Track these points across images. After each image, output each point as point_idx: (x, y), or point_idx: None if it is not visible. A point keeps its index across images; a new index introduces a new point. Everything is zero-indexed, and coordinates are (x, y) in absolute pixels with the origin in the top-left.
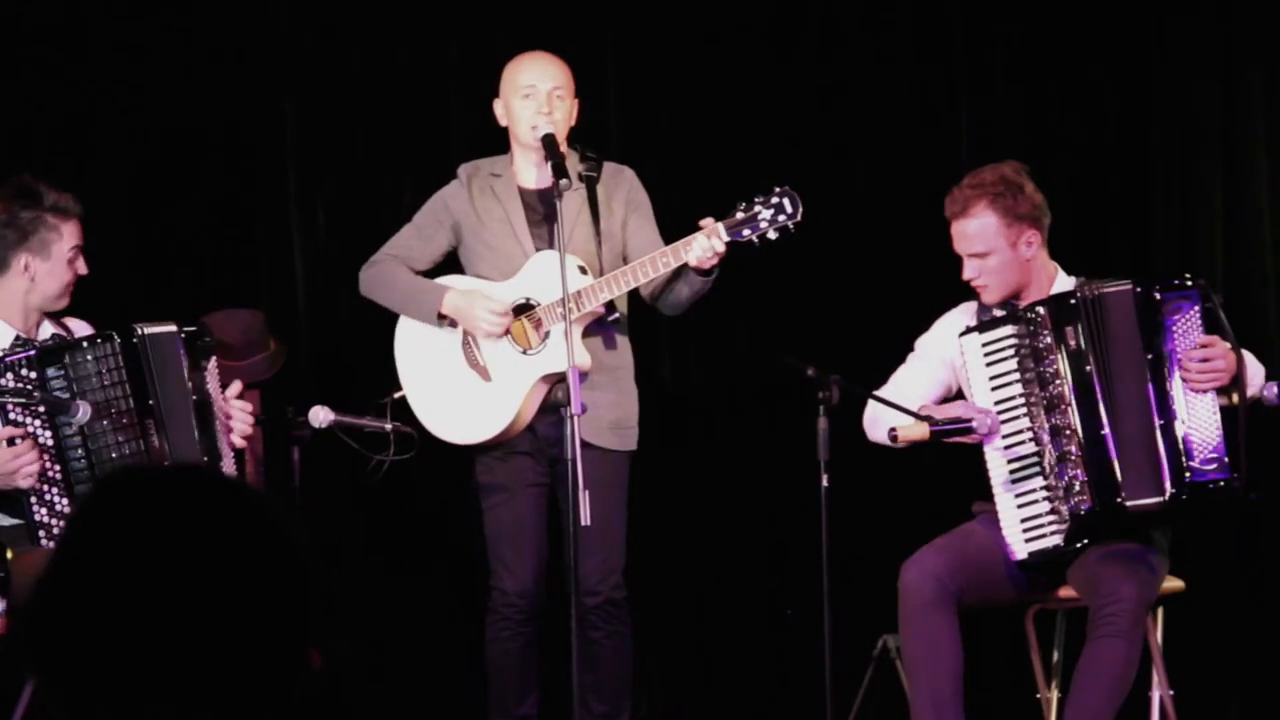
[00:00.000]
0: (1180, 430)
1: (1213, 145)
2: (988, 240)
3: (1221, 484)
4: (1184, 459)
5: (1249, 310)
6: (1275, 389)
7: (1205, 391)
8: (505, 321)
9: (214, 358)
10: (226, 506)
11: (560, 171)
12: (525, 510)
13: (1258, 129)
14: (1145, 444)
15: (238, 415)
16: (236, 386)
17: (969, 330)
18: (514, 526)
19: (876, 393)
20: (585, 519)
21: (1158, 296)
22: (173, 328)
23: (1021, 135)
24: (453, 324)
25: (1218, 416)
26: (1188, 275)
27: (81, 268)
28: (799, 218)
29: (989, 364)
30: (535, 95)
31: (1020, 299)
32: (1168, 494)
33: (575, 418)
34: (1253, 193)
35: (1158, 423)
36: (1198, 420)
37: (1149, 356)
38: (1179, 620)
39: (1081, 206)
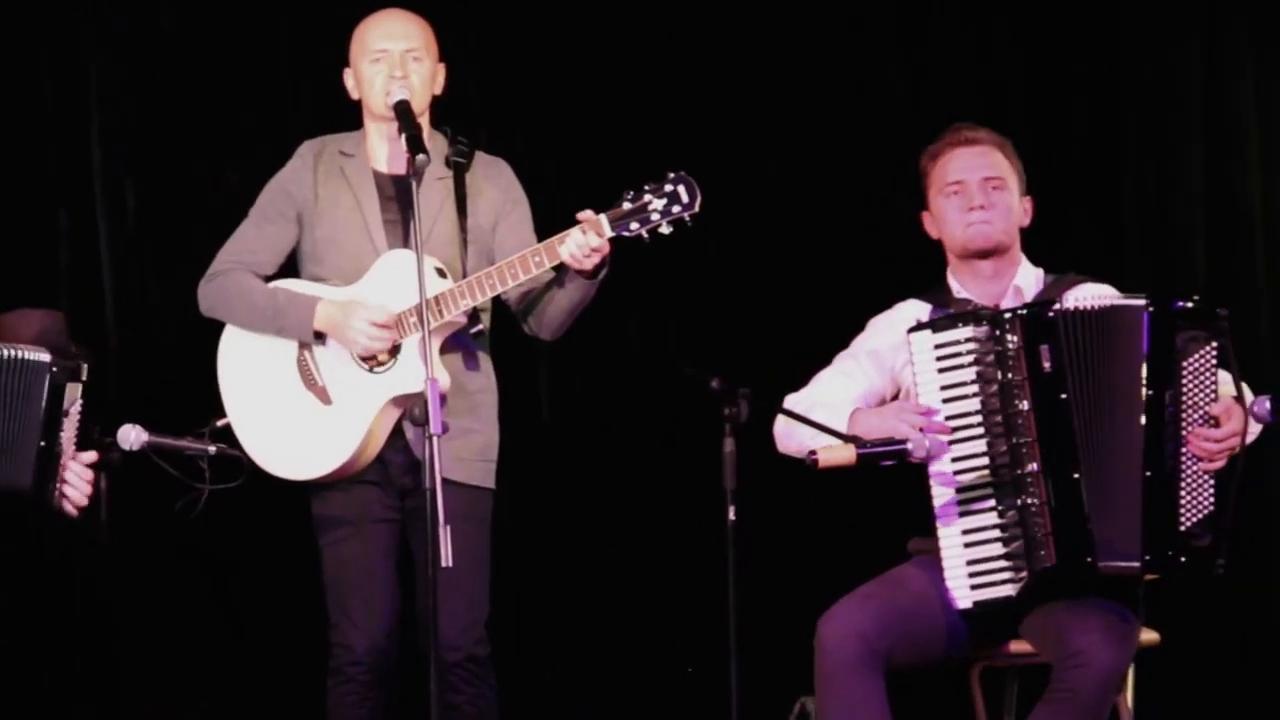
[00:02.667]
0: (1170, 485)
1: (1190, 115)
2: (1000, 170)
3: (1204, 550)
4: (1171, 521)
5: (1235, 312)
6: (1268, 405)
7: (1213, 465)
8: (389, 335)
9: (78, 401)
10: (37, 542)
11: (416, 145)
12: (373, 550)
13: (1244, 93)
14: (1127, 496)
15: (76, 481)
16: (91, 455)
17: (921, 326)
18: (359, 570)
19: (791, 397)
20: (447, 559)
21: (1177, 323)
22: (46, 357)
23: (966, 106)
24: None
25: (1212, 476)
26: (1214, 304)
27: None
28: (696, 208)
29: (942, 370)
30: (387, 58)
31: (985, 281)
32: (1144, 558)
33: (435, 439)
34: (1240, 171)
35: (1145, 474)
36: (1192, 476)
37: (1149, 394)
38: (1154, 679)
39: (1038, 187)
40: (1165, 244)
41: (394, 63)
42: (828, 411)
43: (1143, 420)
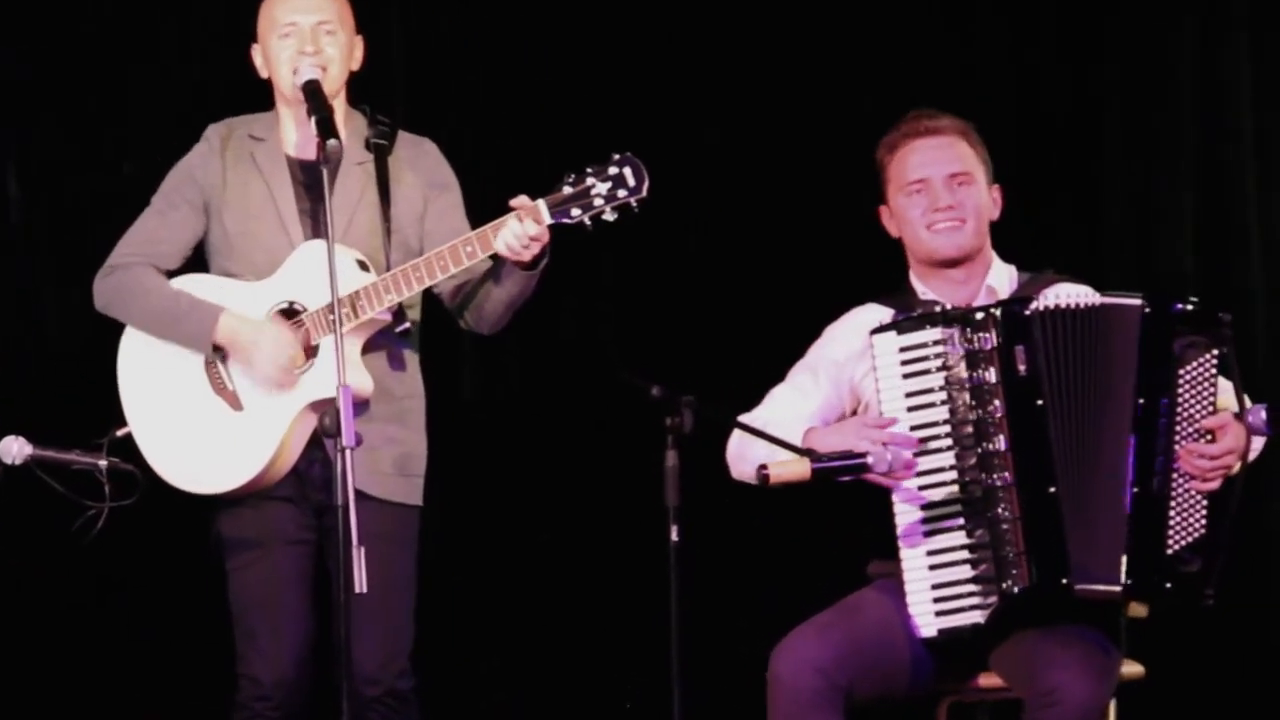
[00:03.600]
0: (1160, 505)
1: (1181, 96)
2: (967, 163)
3: (1192, 576)
4: (1157, 542)
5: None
6: (1264, 415)
7: (1205, 485)
8: (295, 374)
9: None
10: None
11: (327, 129)
12: (284, 574)
13: (1240, 70)
14: (1110, 514)
15: None
16: None
17: (885, 327)
18: (269, 595)
19: (743, 418)
20: (361, 584)
21: (1175, 327)
22: None
23: (931, 88)
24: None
25: (1205, 496)
26: (1215, 308)
27: None
28: (644, 193)
29: (907, 375)
30: (297, 33)
31: (953, 283)
32: (1126, 582)
33: (347, 451)
34: (1236, 159)
35: (1131, 490)
36: (1183, 495)
37: (1140, 402)
38: (1137, 716)
39: (1009, 176)
40: (1150, 239)
41: (304, 38)
42: (780, 432)
43: (1132, 431)
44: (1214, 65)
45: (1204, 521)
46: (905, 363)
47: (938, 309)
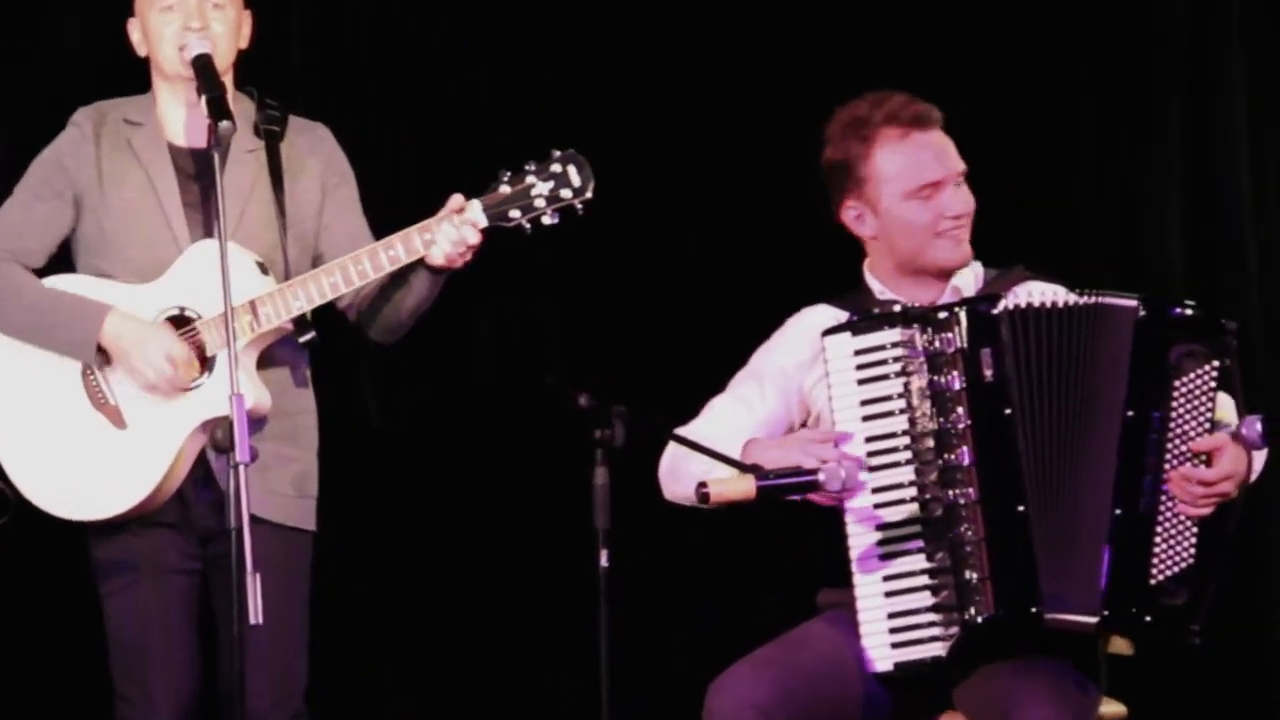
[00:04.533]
0: (1145, 529)
1: (1166, 72)
2: (959, 156)
3: (1177, 611)
4: (1140, 571)
5: (1219, 310)
6: (1258, 428)
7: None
8: (183, 377)
9: None
10: None
11: (219, 110)
12: (168, 607)
13: (1231, 39)
14: (1087, 537)
15: None
16: None
17: (838, 328)
18: (151, 631)
19: (680, 430)
20: (256, 615)
21: (1172, 333)
22: None
23: (888, 68)
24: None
25: (1196, 523)
26: (1218, 314)
27: None
28: (589, 194)
29: (863, 381)
30: (182, 6)
31: (914, 283)
32: (1103, 613)
33: (241, 468)
34: (1227, 144)
35: (1113, 512)
36: (1171, 520)
37: (1129, 415)
38: None
39: (972, 160)
40: (1133, 231)
41: (190, 12)
42: (722, 449)
43: (1118, 447)
44: (1201, 39)
45: (1193, 550)
46: (861, 367)
47: (897, 308)
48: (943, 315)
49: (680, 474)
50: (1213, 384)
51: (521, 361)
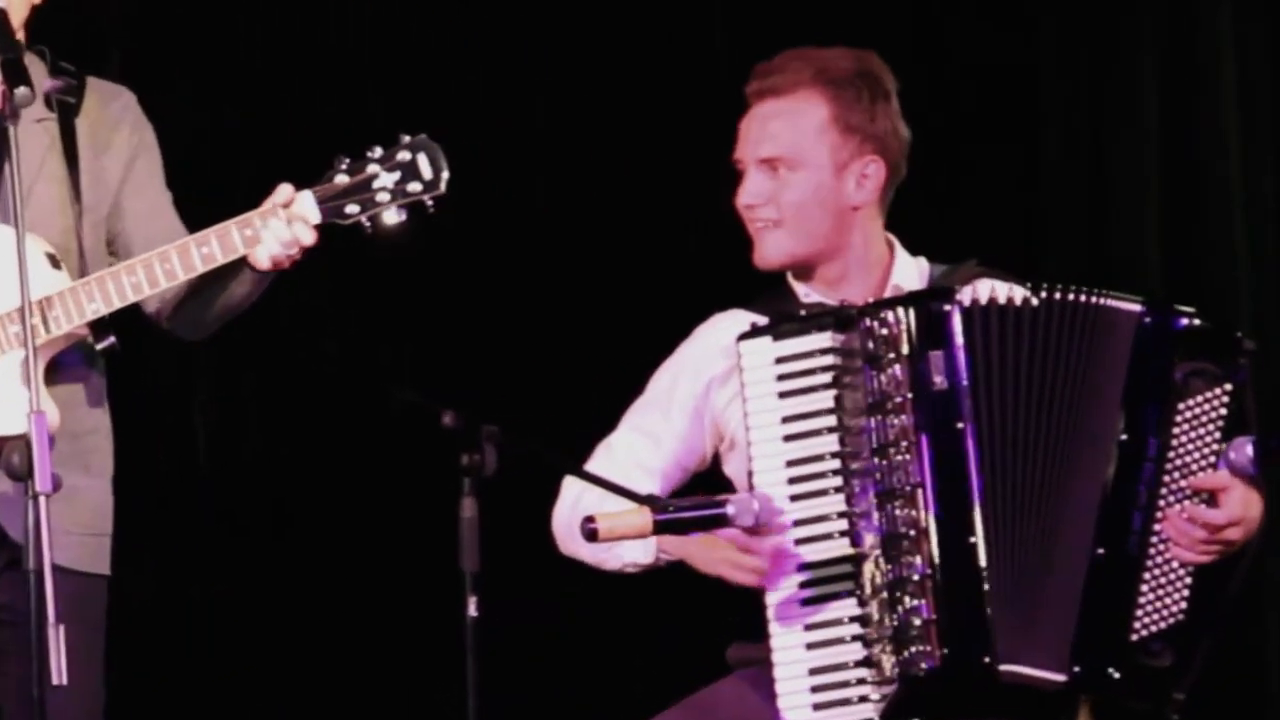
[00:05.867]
0: (1130, 574)
1: (1140, 44)
2: (799, 141)
3: (1160, 674)
4: (1120, 624)
5: (1208, 311)
6: (1249, 451)
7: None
8: None
9: None
10: None
11: (16, 73)
12: None
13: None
14: (1059, 578)
15: None
16: None
17: (756, 332)
18: None
19: (570, 482)
20: (60, 675)
21: (1179, 347)
22: None
23: (815, 32)
24: None
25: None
26: (1236, 332)
27: None
28: (442, 187)
29: (785, 394)
30: None
31: (835, 285)
32: (1072, 670)
33: (41, 499)
34: (1215, 125)
35: (1096, 550)
36: (1162, 566)
37: (1123, 438)
38: None
39: (921, 141)
40: (1103, 218)
41: None
42: (624, 475)
43: (1106, 476)
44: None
45: (1185, 604)
46: (783, 377)
47: (826, 307)
48: (884, 314)
49: (574, 524)
50: (1223, 411)
51: (375, 376)
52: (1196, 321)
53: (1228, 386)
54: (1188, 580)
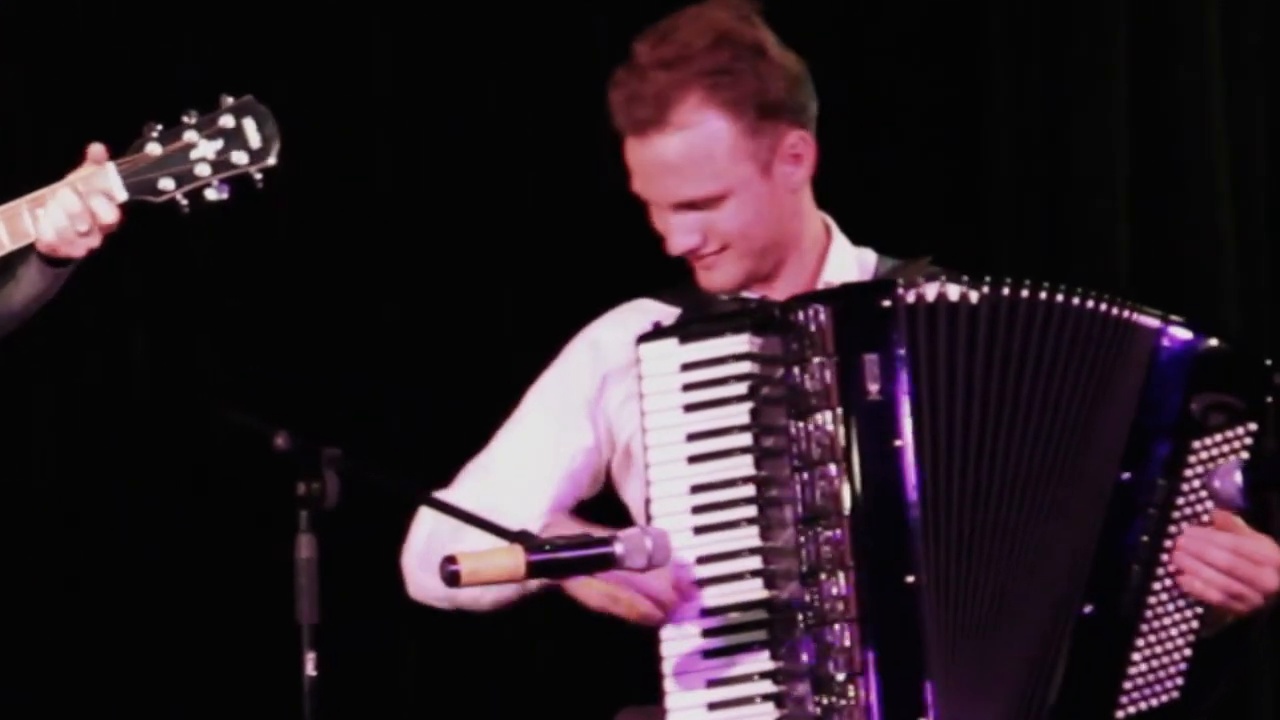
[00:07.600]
0: (1121, 636)
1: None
2: (716, 175)
3: None
4: (1105, 694)
5: (1195, 311)
6: (1238, 478)
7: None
8: None
9: None
10: None
11: None
12: None
13: None
14: (1034, 637)
15: None
16: None
17: (659, 332)
18: None
19: (441, 495)
20: None
21: (1199, 376)
22: None
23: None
24: None
25: (1194, 624)
26: (1266, 359)
27: None
28: (271, 158)
29: (691, 407)
30: None
31: (769, 281)
32: None
33: None
34: (1197, 105)
35: (1081, 606)
36: (1161, 630)
37: (1124, 478)
38: None
39: (857, 115)
40: (1060, 188)
41: None
42: (511, 521)
43: (1103, 518)
44: None
45: (1180, 678)
46: (690, 387)
47: (741, 305)
48: (810, 311)
49: (432, 557)
50: (1244, 455)
51: (194, 389)
52: (1217, 343)
53: (1252, 426)
54: (1185, 649)
